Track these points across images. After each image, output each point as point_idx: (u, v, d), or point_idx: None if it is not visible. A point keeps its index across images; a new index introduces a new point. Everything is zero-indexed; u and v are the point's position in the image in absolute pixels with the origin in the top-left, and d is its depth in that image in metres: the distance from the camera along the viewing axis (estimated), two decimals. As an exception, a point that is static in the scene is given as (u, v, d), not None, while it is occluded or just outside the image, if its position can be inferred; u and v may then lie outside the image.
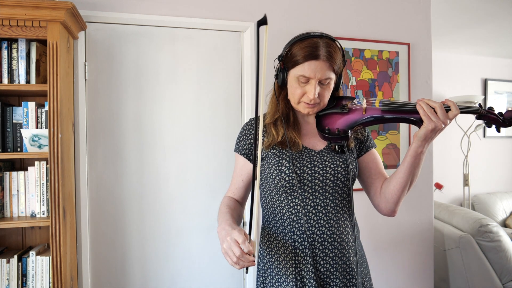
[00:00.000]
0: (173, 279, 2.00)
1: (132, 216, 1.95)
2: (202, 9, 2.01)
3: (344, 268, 1.07)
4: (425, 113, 0.91)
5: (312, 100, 1.02)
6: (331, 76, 1.02)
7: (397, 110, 0.99)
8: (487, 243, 2.38)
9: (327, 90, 1.04)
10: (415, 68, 2.39)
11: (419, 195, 2.41)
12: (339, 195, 1.09)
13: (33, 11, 1.49)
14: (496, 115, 0.98)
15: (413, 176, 1.01)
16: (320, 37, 1.01)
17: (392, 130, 2.34)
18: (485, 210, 3.85)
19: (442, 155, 3.99)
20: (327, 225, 1.06)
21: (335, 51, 1.02)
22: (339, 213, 1.08)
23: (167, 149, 1.99)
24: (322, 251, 1.06)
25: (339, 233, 1.07)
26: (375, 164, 1.15)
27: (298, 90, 1.03)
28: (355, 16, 2.26)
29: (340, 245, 1.07)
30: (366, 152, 1.16)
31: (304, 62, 0.99)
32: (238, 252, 0.88)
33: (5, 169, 1.65)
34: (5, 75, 1.58)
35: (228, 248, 0.91)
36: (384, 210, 1.11)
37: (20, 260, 1.60)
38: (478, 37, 3.53)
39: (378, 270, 2.33)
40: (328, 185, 1.07)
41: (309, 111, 1.06)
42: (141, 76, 1.96)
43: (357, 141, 1.15)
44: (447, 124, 0.91)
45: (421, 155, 0.97)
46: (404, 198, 1.08)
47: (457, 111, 0.92)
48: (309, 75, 1.00)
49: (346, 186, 1.09)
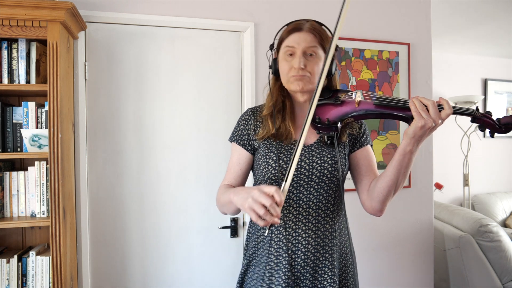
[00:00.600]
0: (173, 279, 2.00)
1: (132, 216, 1.95)
2: (202, 9, 2.01)
3: (316, 263, 1.07)
4: (416, 109, 0.88)
5: (299, 69, 1.02)
6: (317, 46, 1.04)
7: (390, 105, 0.97)
8: (487, 243, 2.38)
9: (315, 63, 1.04)
10: (415, 68, 2.39)
11: (419, 195, 2.41)
12: (325, 191, 1.08)
13: (33, 11, 1.49)
14: (491, 120, 0.95)
15: (401, 176, 0.97)
16: (306, 20, 1.08)
17: (392, 130, 2.34)
18: (485, 210, 3.86)
19: (442, 155, 3.99)
20: (304, 220, 1.07)
21: (321, 28, 1.07)
22: (320, 209, 1.08)
23: (167, 149, 1.99)
24: (295, 253, 1.06)
25: (315, 230, 1.07)
26: (367, 161, 1.13)
27: (286, 65, 1.06)
28: (355, 16, 2.26)
29: (315, 241, 1.07)
30: (359, 148, 1.14)
31: (289, 36, 1.05)
32: (268, 201, 0.83)
33: (5, 169, 1.65)
34: (5, 75, 1.58)
35: (254, 201, 0.85)
36: (370, 208, 1.08)
37: (20, 260, 1.60)
38: (478, 37, 3.53)
39: (378, 270, 2.33)
40: (313, 180, 1.06)
41: (300, 86, 1.04)
42: (141, 76, 1.96)
43: (351, 136, 1.14)
44: (438, 123, 0.88)
45: (410, 155, 0.93)
46: (391, 199, 1.04)
47: (449, 111, 0.88)
48: (292, 45, 1.04)
49: (333, 182, 1.08)
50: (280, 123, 1.09)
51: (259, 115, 1.16)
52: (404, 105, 0.95)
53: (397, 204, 2.37)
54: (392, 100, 0.97)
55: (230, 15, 2.04)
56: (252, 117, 1.16)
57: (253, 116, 1.16)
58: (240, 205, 0.92)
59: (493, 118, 0.95)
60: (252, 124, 1.15)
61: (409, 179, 2.37)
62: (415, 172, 2.39)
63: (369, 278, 2.31)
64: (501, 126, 0.94)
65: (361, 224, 2.30)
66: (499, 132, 0.95)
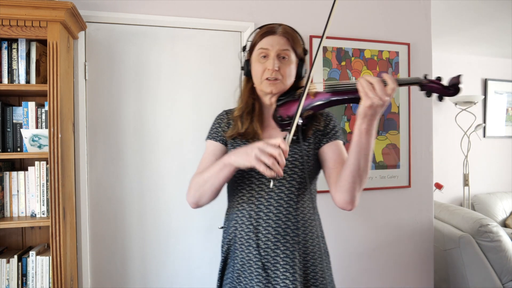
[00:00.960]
0: (173, 279, 2.00)
1: (132, 216, 1.95)
2: (202, 9, 2.01)
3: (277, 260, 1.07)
4: (363, 89, 0.89)
5: (272, 72, 1.06)
6: (289, 49, 1.08)
7: (341, 90, 1.00)
8: (487, 243, 2.38)
9: (288, 66, 1.08)
10: (415, 68, 2.39)
11: (419, 195, 2.41)
12: (286, 189, 1.09)
13: (33, 11, 1.49)
14: (438, 84, 0.92)
15: (362, 158, 0.96)
16: (279, 24, 1.11)
17: (392, 130, 2.34)
18: (485, 210, 3.85)
19: (442, 155, 3.99)
20: (265, 218, 1.08)
21: (293, 33, 1.11)
22: (282, 207, 1.08)
23: (167, 149, 1.99)
24: (264, 249, 1.07)
25: (275, 226, 1.07)
26: (335, 155, 1.12)
27: (260, 67, 1.08)
28: (355, 16, 2.26)
29: (284, 239, 1.07)
30: (326, 143, 1.13)
31: (262, 38, 1.08)
32: (277, 151, 0.87)
33: (5, 169, 1.65)
34: (5, 75, 1.58)
35: (262, 152, 0.88)
36: (339, 200, 1.06)
37: (20, 260, 1.60)
38: (478, 37, 3.53)
39: (378, 270, 2.33)
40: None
41: (272, 89, 1.08)
42: (141, 76, 1.96)
43: (318, 132, 1.14)
44: (385, 99, 0.88)
45: (366, 134, 0.93)
46: (360, 189, 1.02)
47: (393, 85, 0.89)
48: (266, 47, 1.07)
49: (295, 179, 1.09)
50: (249, 124, 1.13)
51: (231, 115, 1.20)
52: (354, 87, 0.96)
53: (397, 204, 2.37)
54: (341, 85, 1.00)
55: (230, 15, 2.04)
56: (226, 116, 1.21)
57: (226, 116, 1.21)
58: (243, 160, 0.94)
59: (441, 82, 0.92)
60: (225, 123, 1.20)
61: (409, 179, 2.37)
62: (415, 172, 2.39)
63: (369, 278, 2.31)
64: (450, 88, 0.91)
65: (361, 224, 2.30)
66: (448, 95, 0.91)
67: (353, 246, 2.28)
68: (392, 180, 2.35)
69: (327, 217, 2.24)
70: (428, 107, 2.42)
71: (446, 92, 0.91)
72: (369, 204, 2.32)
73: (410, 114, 2.38)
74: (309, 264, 1.11)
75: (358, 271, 2.29)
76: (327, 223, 2.23)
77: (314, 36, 2.14)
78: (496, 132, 4.27)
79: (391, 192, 2.36)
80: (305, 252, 1.10)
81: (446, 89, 0.91)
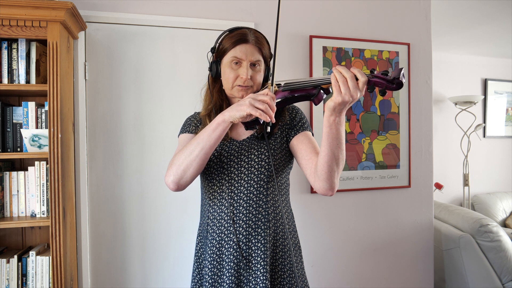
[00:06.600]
0: (173, 279, 2.00)
1: (132, 216, 1.95)
2: (202, 9, 2.01)
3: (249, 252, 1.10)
4: (336, 83, 0.89)
5: (245, 80, 1.10)
6: (261, 60, 1.13)
7: (296, 88, 1.03)
8: (487, 243, 2.38)
9: (259, 74, 1.13)
10: (415, 68, 2.39)
11: (419, 195, 2.42)
12: (256, 182, 1.11)
13: (33, 11, 1.49)
14: (380, 78, 0.90)
15: (336, 148, 0.97)
16: (248, 29, 1.14)
17: (392, 130, 2.34)
18: (485, 210, 3.85)
19: (442, 155, 3.99)
20: (245, 212, 1.11)
21: (263, 39, 1.15)
22: (251, 200, 1.11)
23: (167, 149, 1.99)
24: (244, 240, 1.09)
25: (255, 220, 1.10)
26: (306, 146, 1.13)
27: (232, 74, 1.11)
28: (355, 16, 2.26)
29: (255, 232, 1.10)
30: (295, 135, 1.16)
31: (236, 46, 1.10)
32: (267, 97, 0.95)
33: (5, 169, 1.65)
34: (5, 75, 1.58)
35: (254, 100, 0.95)
36: (320, 188, 1.07)
37: (20, 260, 1.60)
38: (478, 37, 3.53)
39: (378, 270, 2.33)
40: (243, 173, 1.12)
41: (243, 94, 1.12)
42: (141, 76, 1.96)
43: (285, 126, 1.18)
44: (356, 98, 0.89)
45: (336, 125, 0.94)
46: (338, 174, 1.04)
47: (364, 78, 0.88)
48: (240, 57, 1.10)
49: (263, 173, 1.11)
50: None
51: (199, 115, 1.24)
52: (310, 83, 1.01)
53: (397, 204, 2.37)
54: (297, 82, 1.04)
55: (230, 15, 2.05)
56: (197, 116, 1.26)
57: (195, 117, 1.26)
58: (238, 112, 0.97)
59: (384, 76, 0.90)
60: (197, 120, 1.24)
61: (409, 179, 2.37)
62: (415, 172, 2.39)
63: (369, 278, 2.31)
64: (393, 81, 0.89)
65: (361, 224, 2.30)
66: (390, 89, 0.90)
67: (353, 246, 2.28)
68: (392, 180, 2.35)
69: (327, 217, 2.25)
70: (428, 107, 2.42)
71: (389, 86, 0.90)
72: (369, 204, 2.32)
73: (410, 114, 2.38)
74: (278, 257, 1.13)
75: (358, 271, 2.29)
76: (327, 223, 2.24)
77: (314, 36, 2.14)
78: (496, 132, 4.27)
79: (391, 192, 2.36)
80: (274, 244, 1.13)
81: (390, 83, 0.89)
